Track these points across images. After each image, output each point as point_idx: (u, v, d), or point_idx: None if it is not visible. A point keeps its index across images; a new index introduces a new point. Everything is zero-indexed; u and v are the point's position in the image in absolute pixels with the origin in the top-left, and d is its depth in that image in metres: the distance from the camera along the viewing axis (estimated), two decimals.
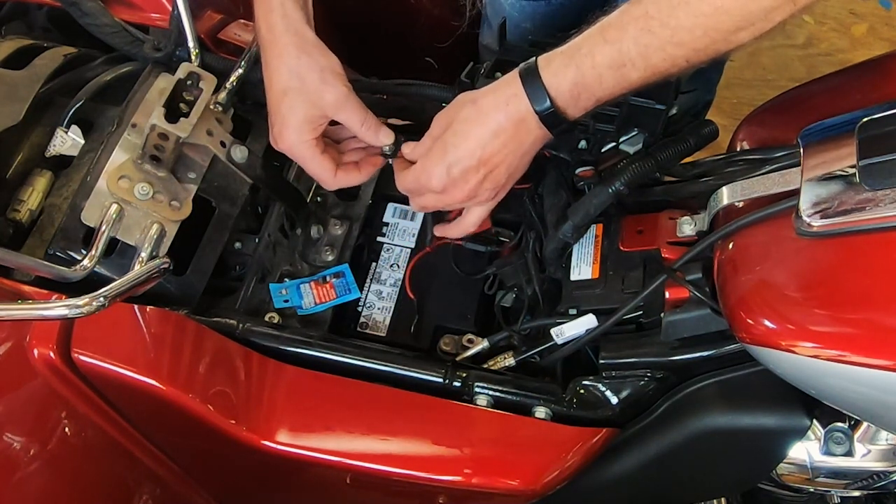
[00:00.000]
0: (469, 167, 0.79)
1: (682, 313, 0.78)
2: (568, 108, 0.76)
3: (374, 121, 0.87)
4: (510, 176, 0.81)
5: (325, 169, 0.86)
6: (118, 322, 0.79)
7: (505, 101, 0.77)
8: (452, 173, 0.80)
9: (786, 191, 0.73)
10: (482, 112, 0.78)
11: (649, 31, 0.70)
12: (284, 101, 0.84)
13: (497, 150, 0.78)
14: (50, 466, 0.82)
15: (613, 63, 0.72)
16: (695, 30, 0.68)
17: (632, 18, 0.71)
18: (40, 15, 1.07)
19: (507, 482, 0.79)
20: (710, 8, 0.67)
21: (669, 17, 0.69)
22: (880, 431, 0.81)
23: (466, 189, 0.80)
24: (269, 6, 0.84)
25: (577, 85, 0.74)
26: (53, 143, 0.87)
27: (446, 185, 0.81)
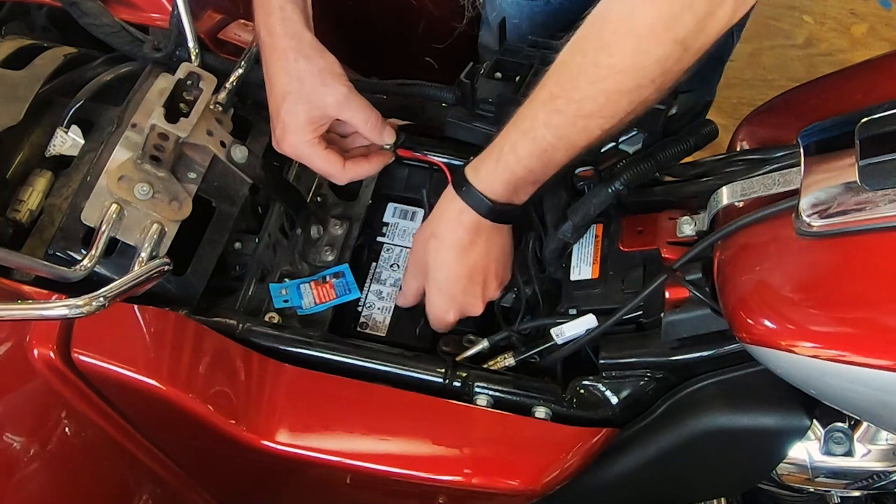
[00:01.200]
0: (466, 288, 0.85)
1: (682, 313, 0.78)
2: (512, 198, 0.80)
3: (377, 119, 0.88)
4: (505, 265, 0.88)
5: (332, 163, 0.87)
6: (118, 322, 0.79)
7: (457, 221, 0.82)
8: (458, 300, 0.86)
9: (786, 191, 0.73)
10: (444, 241, 0.83)
11: (557, 111, 0.72)
12: (284, 105, 0.84)
13: (478, 259, 0.84)
14: (50, 466, 0.82)
15: (534, 151, 0.75)
16: (597, 97, 0.70)
17: (539, 103, 0.74)
18: (40, 15, 1.07)
19: (507, 482, 0.79)
20: (605, 70, 0.68)
21: (572, 90, 0.71)
22: (880, 431, 0.81)
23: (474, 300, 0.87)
24: (268, 9, 0.84)
25: (509, 182, 0.78)
26: (53, 143, 0.87)
27: (460, 310, 0.87)
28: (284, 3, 0.84)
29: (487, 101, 0.93)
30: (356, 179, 0.91)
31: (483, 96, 0.94)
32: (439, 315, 0.88)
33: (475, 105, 0.94)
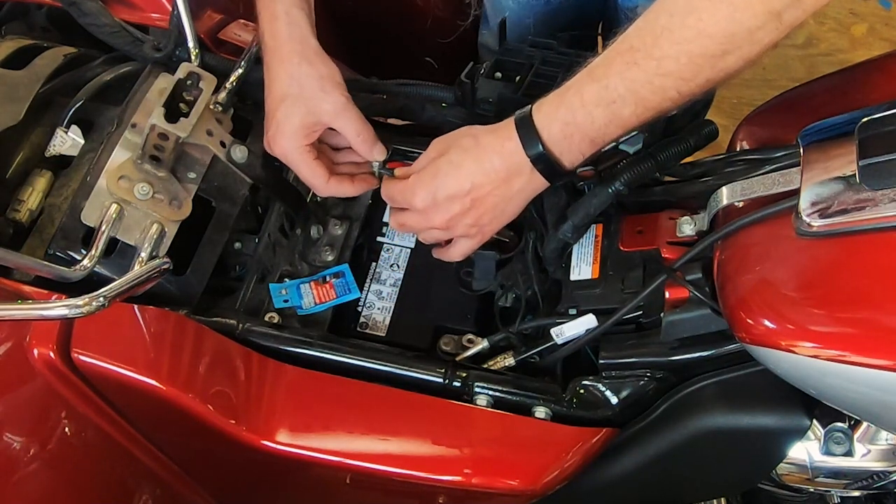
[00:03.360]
0: (454, 195, 0.79)
1: (682, 313, 0.78)
2: (562, 154, 0.75)
3: (369, 134, 0.88)
4: (495, 218, 0.82)
5: (317, 175, 0.87)
6: (118, 322, 0.79)
7: (500, 144, 0.77)
8: (437, 197, 0.80)
9: (786, 191, 0.73)
10: (480, 147, 0.79)
11: (634, 63, 0.70)
12: (281, 107, 0.85)
13: (485, 188, 0.79)
14: (50, 466, 0.82)
15: (602, 100, 0.72)
16: (679, 57, 0.67)
17: (617, 54, 0.71)
18: (40, 15, 1.07)
19: (507, 482, 0.79)
20: (692, 33, 0.66)
21: (653, 47, 0.68)
22: (880, 431, 0.81)
23: (446, 216, 0.81)
24: (274, 13, 0.85)
25: (567, 125, 0.74)
26: (53, 143, 0.87)
27: (428, 207, 0.81)
28: (290, 8, 0.85)
29: (487, 101, 0.93)
30: (336, 196, 0.92)
31: (483, 96, 0.94)
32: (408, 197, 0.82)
33: (475, 105, 0.94)
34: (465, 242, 0.85)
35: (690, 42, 0.67)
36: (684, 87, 0.69)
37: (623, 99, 0.71)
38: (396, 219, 0.86)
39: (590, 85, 0.72)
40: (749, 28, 0.65)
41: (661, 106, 0.71)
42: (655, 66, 0.68)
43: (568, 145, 0.75)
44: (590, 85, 0.72)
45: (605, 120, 0.72)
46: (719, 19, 0.65)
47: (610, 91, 0.71)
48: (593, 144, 0.75)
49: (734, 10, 0.64)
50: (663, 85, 0.69)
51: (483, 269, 0.94)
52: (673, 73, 0.68)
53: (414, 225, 0.85)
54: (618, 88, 0.71)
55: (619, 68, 0.70)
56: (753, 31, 0.65)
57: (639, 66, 0.69)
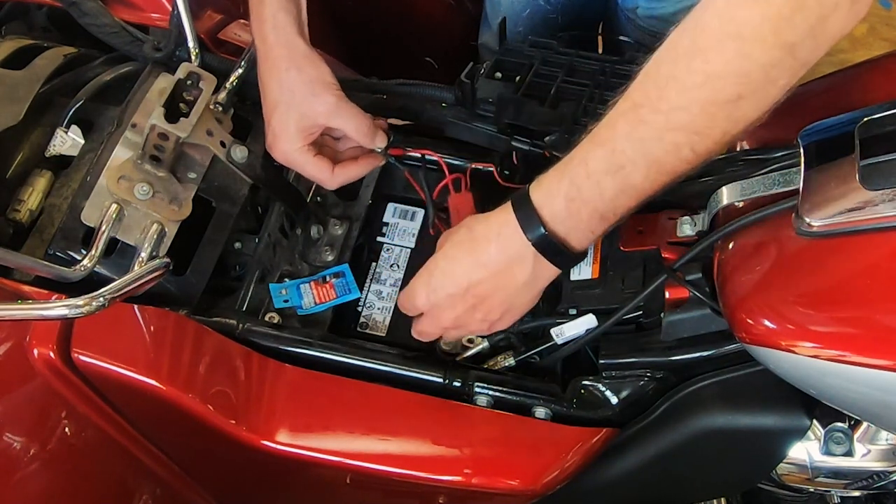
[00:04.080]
0: (453, 294, 0.75)
1: (682, 313, 0.78)
2: (569, 234, 0.68)
3: (367, 126, 0.88)
4: (507, 312, 0.76)
5: (322, 170, 0.87)
6: (118, 322, 0.79)
7: (497, 232, 0.71)
8: (434, 298, 0.76)
9: (786, 191, 0.73)
10: (474, 239, 0.73)
11: (641, 121, 0.62)
12: (275, 115, 0.85)
13: (485, 284, 0.73)
14: (50, 466, 0.82)
15: (610, 167, 0.64)
16: (690, 107, 0.60)
17: (620, 114, 0.64)
18: (40, 15, 1.07)
19: (507, 482, 0.79)
20: (701, 77, 0.59)
21: (659, 100, 0.61)
22: (880, 431, 0.81)
23: (452, 316, 0.77)
24: (262, 17, 0.85)
25: (572, 201, 0.67)
26: (53, 143, 0.87)
27: (430, 309, 0.78)
28: (277, 11, 0.85)
29: (487, 101, 0.93)
30: (346, 183, 0.91)
31: (483, 96, 0.94)
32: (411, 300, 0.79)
33: (475, 105, 0.94)
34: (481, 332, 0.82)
35: (700, 87, 0.59)
36: (699, 143, 0.62)
37: (633, 163, 0.63)
38: (414, 327, 0.83)
39: (594, 151, 0.65)
40: (763, 64, 0.58)
41: (676, 168, 0.64)
42: (665, 121, 0.61)
43: (575, 223, 0.68)
44: (594, 151, 0.65)
45: (616, 190, 0.65)
46: (729, 58, 0.58)
47: (617, 155, 0.64)
48: (604, 220, 0.68)
49: (743, 44, 0.57)
50: (676, 141, 0.62)
51: None
52: (685, 125, 0.61)
53: (428, 329, 0.81)
54: (626, 152, 0.63)
55: (625, 129, 0.63)
56: (768, 68, 0.58)
57: (646, 123, 0.62)
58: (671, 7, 1.15)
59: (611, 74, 0.93)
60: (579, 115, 0.88)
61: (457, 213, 0.93)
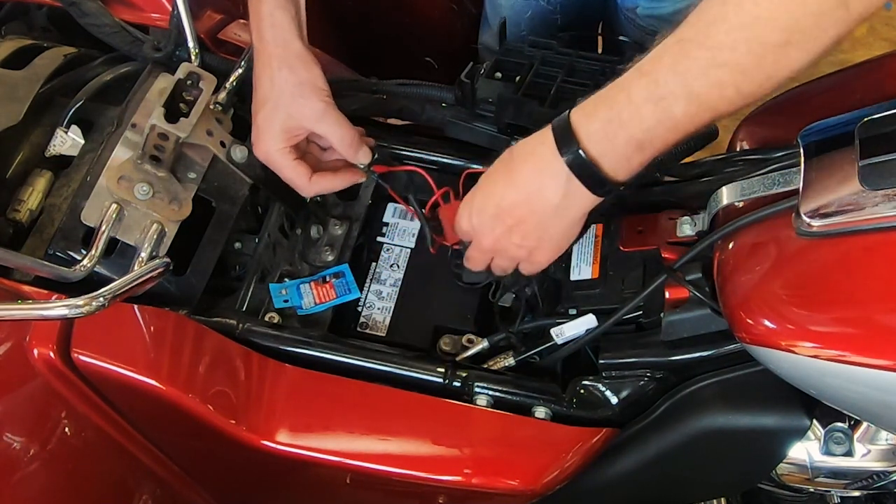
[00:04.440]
0: (493, 214, 0.75)
1: (682, 313, 0.78)
2: (603, 157, 0.67)
3: (352, 138, 0.88)
4: (541, 239, 0.75)
5: (299, 175, 0.87)
6: (118, 322, 0.79)
7: (532, 151, 0.71)
8: (475, 220, 0.77)
9: (786, 191, 0.73)
10: (513, 159, 0.73)
11: (686, 55, 0.62)
12: (262, 111, 0.85)
13: (519, 203, 0.72)
14: (50, 466, 0.82)
15: (651, 96, 0.64)
16: (737, 46, 0.60)
17: (666, 48, 0.64)
18: (40, 15, 1.07)
19: (507, 482, 0.79)
20: (749, 18, 0.59)
21: (706, 36, 0.61)
22: (880, 431, 0.81)
23: (492, 238, 0.76)
24: (259, 15, 0.85)
25: (609, 123, 0.66)
26: (53, 142, 0.87)
27: (474, 231, 0.78)
28: (274, 10, 0.84)
29: (487, 101, 0.93)
30: (322, 193, 0.91)
31: (483, 96, 0.94)
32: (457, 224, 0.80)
33: (475, 105, 0.94)
34: (525, 267, 0.80)
35: (748, 28, 0.59)
36: (743, 82, 0.62)
37: (674, 95, 0.63)
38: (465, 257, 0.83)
39: (637, 80, 0.65)
40: (813, 12, 0.57)
41: (718, 105, 0.63)
42: (710, 57, 0.61)
43: (611, 146, 0.67)
44: (637, 80, 0.65)
45: (655, 119, 0.65)
46: (779, 2, 0.58)
47: (660, 86, 0.64)
48: (640, 149, 0.67)
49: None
50: (720, 79, 0.62)
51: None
52: (729, 63, 0.61)
53: (474, 254, 0.81)
54: (668, 83, 0.63)
55: (670, 61, 0.63)
56: (818, 16, 0.57)
57: (691, 57, 0.62)
58: (671, 7, 1.15)
59: (611, 74, 0.93)
60: None
61: (449, 224, 0.93)
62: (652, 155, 0.67)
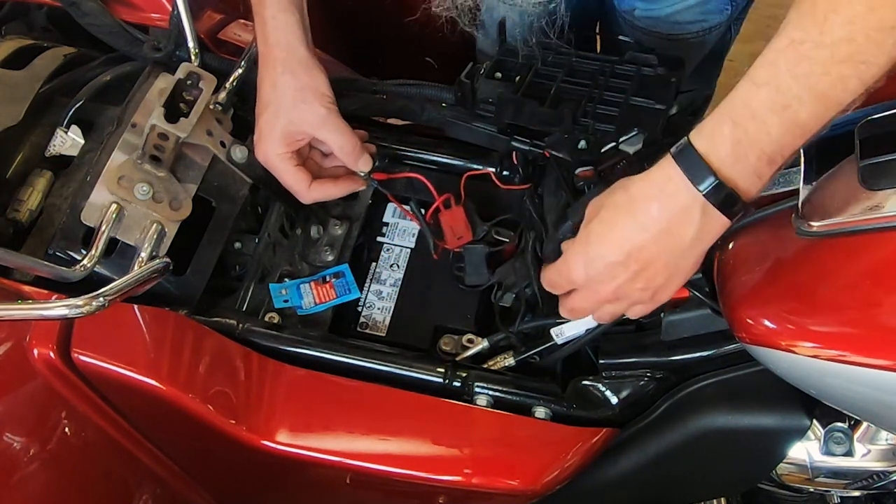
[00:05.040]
0: (613, 262, 0.69)
1: (681, 313, 0.78)
2: (738, 178, 0.64)
3: (353, 146, 0.87)
4: (671, 276, 0.70)
5: (299, 181, 0.87)
6: (118, 322, 0.79)
7: (659, 188, 0.67)
8: (592, 270, 0.71)
9: (786, 191, 0.73)
10: (633, 199, 0.68)
11: (804, 57, 0.60)
12: (264, 115, 0.85)
13: (648, 246, 0.68)
14: (50, 466, 0.82)
15: (775, 105, 0.62)
16: (856, 37, 0.58)
17: (779, 52, 0.61)
18: (40, 15, 1.07)
19: (507, 482, 0.79)
20: (863, 7, 0.57)
21: (821, 34, 0.59)
22: (880, 431, 0.81)
23: (612, 286, 0.71)
24: (263, 18, 0.85)
25: (739, 143, 0.63)
26: (53, 142, 0.87)
27: (589, 281, 0.71)
28: (277, 13, 0.84)
29: (487, 101, 0.93)
30: (321, 200, 0.90)
31: (483, 96, 0.94)
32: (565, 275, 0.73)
33: (475, 105, 0.94)
34: (639, 308, 0.74)
35: (864, 17, 0.57)
36: (866, 72, 0.59)
37: (799, 100, 0.61)
38: (564, 304, 0.76)
39: (756, 92, 0.62)
40: None
41: (843, 100, 0.61)
42: (830, 55, 0.59)
43: (743, 168, 0.64)
44: (756, 92, 0.62)
45: (782, 129, 0.62)
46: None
47: (782, 93, 0.61)
48: (771, 162, 0.64)
49: None
50: (842, 74, 0.59)
51: (473, 264, 0.94)
52: (852, 56, 0.59)
53: (583, 305, 0.74)
54: (791, 89, 0.61)
55: (787, 66, 0.61)
56: None
57: (810, 59, 0.60)
58: (667, 8, 1.15)
59: (611, 74, 0.93)
60: (579, 115, 0.88)
61: (450, 229, 0.93)
62: (781, 164, 0.65)
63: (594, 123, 0.86)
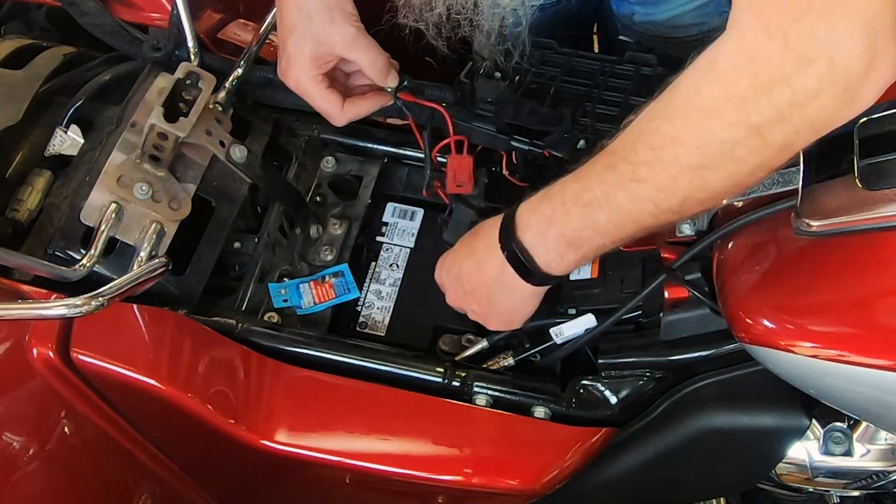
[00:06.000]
0: (451, 278, 0.83)
1: (681, 313, 0.78)
2: (536, 250, 0.72)
3: (383, 62, 0.88)
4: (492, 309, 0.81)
5: (332, 103, 0.87)
6: (117, 322, 0.79)
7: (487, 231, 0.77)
8: (444, 278, 0.85)
9: (785, 191, 0.73)
10: (475, 233, 0.81)
11: (612, 167, 0.66)
12: (291, 39, 0.84)
13: (472, 277, 0.80)
14: (49, 466, 0.82)
15: (578, 199, 0.68)
16: (654, 165, 0.62)
17: (601, 156, 0.68)
18: (40, 14, 1.07)
19: (506, 482, 0.79)
20: (665, 139, 0.61)
21: (631, 151, 0.64)
22: (879, 431, 0.81)
23: (455, 297, 0.84)
24: None
25: (545, 219, 0.71)
26: (53, 142, 0.87)
27: (444, 286, 0.86)
28: None
29: (487, 100, 0.93)
30: (354, 119, 0.90)
31: (483, 96, 0.94)
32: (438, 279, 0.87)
33: (475, 105, 0.94)
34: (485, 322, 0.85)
35: (663, 149, 0.61)
36: (661, 200, 0.64)
37: (598, 202, 0.67)
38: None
39: (572, 183, 0.70)
40: (723, 140, 0.58)
41: (640, 218, 0.66)
42: (631, 171, 0.64)
43: (542, 241, 0.72)
44: (572, 183, 0.70)
45: (581, 222, 0.69)
46: (690, 126, 0.59)
47: (587, 192, 0.68)
48: (571, 247, 0.71)
49: (705, 117, 0.58)
50: (638, 193, 0.64)
51: (457, 221, 0.94)
52: (648, 180, 0.63)
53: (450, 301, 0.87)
54: (594, 190, 0.67)
55: (599, 170, 0.67)
56: (730, 144, 0.58)
57: (615, 170, 0.65)
58: (666, 13, 1.15)
59: (610, 74, 0.94)
60: (578, 114, 0.88)
61: (453, 174, 0.93)
62: (589, 254, 0.71)
63: (593, 123, 0.86)
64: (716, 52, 0.57)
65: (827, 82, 0.53)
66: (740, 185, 0.62)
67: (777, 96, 0.55)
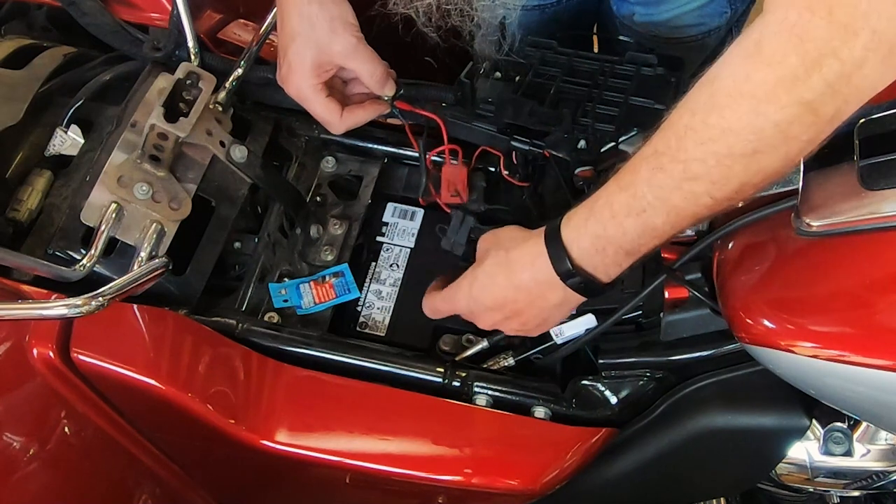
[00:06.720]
0: (490, 307, 0.78)
1: (681, 313, 0.78)
2: (597, 268, 0.71)
3: (382, 72, 0.89)
4: (540, 324, 0.80)
5: (331, 111, 0.88)
6: (117, 322, 0.79)
7: (531, 261, 0.74)
8: (474, 306, 0.80)
9: (785, 191, 0.73)
10: (511, 263, 0.76)
11: (661, 168, 0.63)
12: (292, 46, 0.85)
13: (521, 302, 0.76)
14: (49, 466, 0.82)
15: (631, 210, 0.66)
16: (707, 159, 0.61)
17: (642, 159, 0.65)
18: (40, 14, 1.07)
19: (506, 482, 0.79)
20: (716, 131, 0.59)
21: (678, 150, 0.62)
22: (879, 431, 0.81)
23: (490, 321, 0.80)
24: None
25: (598, 238, 0.69)
26: (53, 142, 0.87)
27: (472, 314, 0.81)
28: None
29: (487, 100, 0.93)
30: (352, 128, 0.91)
31: (483, 96, 0.94)
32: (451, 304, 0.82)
33: (475, 105, 0.94)
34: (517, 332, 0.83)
35: (715, 141, 0.60)
36: (717, 191, 0.62)
37: (653, 208, 0.65)
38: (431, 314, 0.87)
39: (618, 194, 0.67)
40: (777, 122, 0.57)
41: (697, 213, 0.64)
42: (682, 171, 0.62)
43: (602, 259, 0.70)
44: (618, 194, 0.67)
45: (638, 231, 0.67)
46: (742, 115, 0.58)
47: (639, 200, 0.65)
48: (630, 256, 0.69)
49: (757, 102, 0.57)
50: (693, 190, 0.63)
51: (456, 229, 0.94)
52: (702, 176, 0.62)
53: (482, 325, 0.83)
54: (646, 196, 0.65)
55: (646, 175, 0.64)
56: (784, 125, 0.57)
57: (665, 170, 0.63)
58: (667, 14, 1.15)
59: (610, 75, 0.93)
60: (579, 114, 0.88)
61: (448, 183, 0.93)
62: (642, 256, 0.70)
63: (594, 123, 0.86)
64: (759, 35, 0.57)
65: (871, 50, 0.54)
66: (793, 163, 0.61)
67: (827, 70, 0.55)
